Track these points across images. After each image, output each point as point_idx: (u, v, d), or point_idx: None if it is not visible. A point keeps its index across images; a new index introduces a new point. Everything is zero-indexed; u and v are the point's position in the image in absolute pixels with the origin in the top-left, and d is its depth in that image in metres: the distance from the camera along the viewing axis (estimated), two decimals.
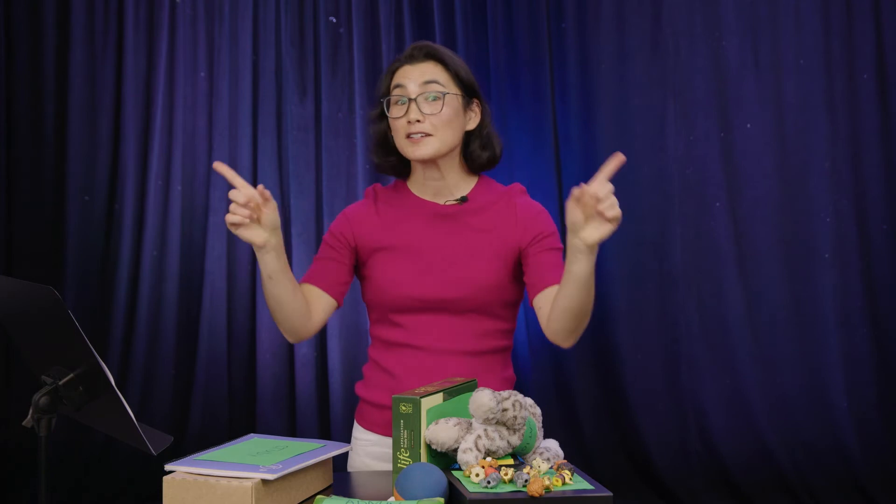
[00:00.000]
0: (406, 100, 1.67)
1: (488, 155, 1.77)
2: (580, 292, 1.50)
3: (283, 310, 1.64)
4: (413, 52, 1.72)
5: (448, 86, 1.69)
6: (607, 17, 3.46)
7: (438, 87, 1.68)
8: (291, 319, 1.66)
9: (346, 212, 1.79)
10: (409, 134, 1.67)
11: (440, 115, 1.67)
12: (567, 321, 1.58)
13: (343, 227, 1.76)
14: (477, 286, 1.68)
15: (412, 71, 1.70)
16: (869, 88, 3.39)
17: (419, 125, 1.66)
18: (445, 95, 1.68)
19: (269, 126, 3.44)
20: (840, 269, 3.38)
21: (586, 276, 1.48)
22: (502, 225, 1.72)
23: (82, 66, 3.38)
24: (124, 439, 1.29)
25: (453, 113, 1.70)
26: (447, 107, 1.68)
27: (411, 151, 1.68)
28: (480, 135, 1.76)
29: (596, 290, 1.57)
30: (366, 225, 1.75)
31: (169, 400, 3.37)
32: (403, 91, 1.68)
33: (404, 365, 1.72)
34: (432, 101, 1.67)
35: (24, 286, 1.26)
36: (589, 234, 1.41)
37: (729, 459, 3.34)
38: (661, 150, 3.44)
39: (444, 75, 1.70)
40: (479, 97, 1.76)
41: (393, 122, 1.69)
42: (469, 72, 1.74)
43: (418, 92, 1.67)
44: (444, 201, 1.74)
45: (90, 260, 3.39)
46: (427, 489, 1.24)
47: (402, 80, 1.69)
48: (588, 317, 1.58)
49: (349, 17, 3.45)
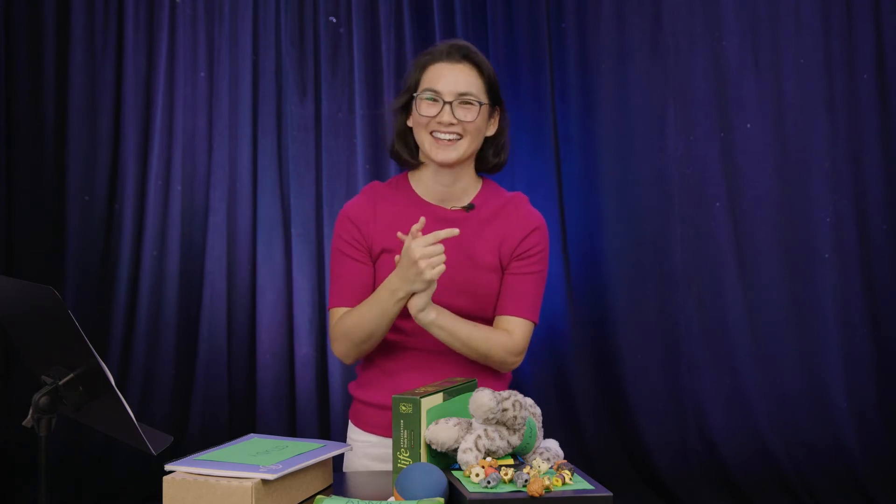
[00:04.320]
0: (440, 101, 1.66)
1: (497, 161, 1.77)
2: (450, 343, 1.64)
3: (385, 332, 1.67)
4: (451, 50, 1.70)
5: (480, 95, 1.69)
6: (607, 17, 3.46)
7: (474, 96, 1.67)
8: (379, 340, 1.69)
9: (348, 215, 1.75)
10: (435, 132, 1.66)
11: (472, 124, 1.67)
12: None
13: (353, 231, 1.72)
14: (479, 295, 1.68)
15: (449, 71, 1.67)
16: (869, 88, 3.38)
17: (451, 128, 1.66)
18: (481, 106, 1.68)
19: (269, 126, 3.44)
20: (840, 269, 3.38)
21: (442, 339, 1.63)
22: (503, 232, 1.72)
23: (82, 66, 3.38)
24: (124, 439, 1.29)
25: (482, 122, 1.70)
26: (479, 116, 1.68)
27: (437, 154, 1.66)
28: (496, 142, 1.76)
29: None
30: (370, 224, 1.73)
31: (169, 400, 3.37)
32: (439, 92, 1.66)
33: (404, 366, 1.71)
34: (467, 108, 1.67)
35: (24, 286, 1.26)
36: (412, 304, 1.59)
37: (729, 459, 3.34)
38: (661, 150, 3.44)
39: (479, 82, 1.69)
40: (503, 106, 1.76)
41: (421, 118, 1.67)
42: (496, 79, 1.74)
43: (455, 96, 1.66)
44: (450, 206, 1.73)
45: (90, 260, 3.39)
46: (427, 489, 1.24)
47: (438, 80, 1.67)
48: (482, 357, 1.69)
49: (349, 17, 3.45)
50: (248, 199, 3.43)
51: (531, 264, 1.72)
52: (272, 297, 3.40)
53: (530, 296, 1.72)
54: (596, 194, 3.45)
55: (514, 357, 1.70)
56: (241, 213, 3.43)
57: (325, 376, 3.37)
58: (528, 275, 1.71)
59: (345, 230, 1.73)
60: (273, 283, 3.40)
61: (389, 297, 1.60)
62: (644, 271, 3.43)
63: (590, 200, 3.46)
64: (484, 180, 1.79)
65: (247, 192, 3.43)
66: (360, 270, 1.71)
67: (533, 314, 1.72)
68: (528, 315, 1.71)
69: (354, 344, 1.68)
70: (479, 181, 1.78)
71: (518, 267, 1.71)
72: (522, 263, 1.71)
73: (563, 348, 3.41)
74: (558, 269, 3.37)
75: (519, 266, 1.71)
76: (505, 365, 1.71)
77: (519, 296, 1.70)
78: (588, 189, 3.46)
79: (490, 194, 1.77)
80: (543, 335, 3.36)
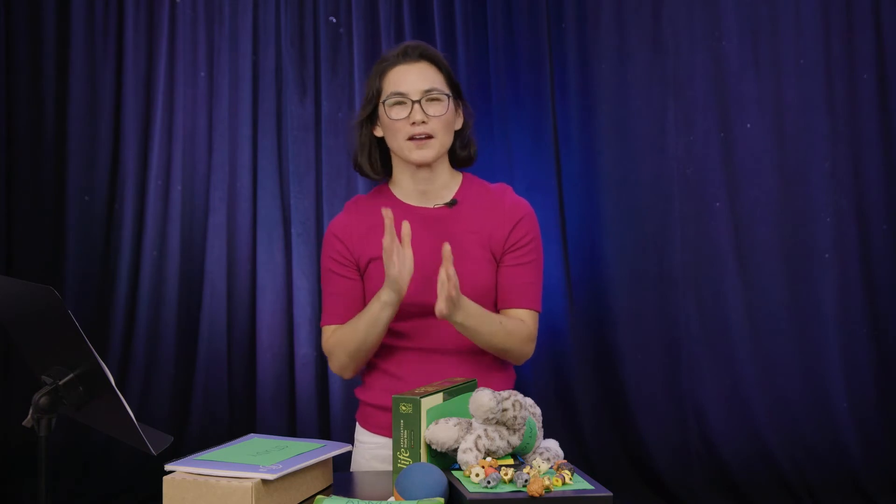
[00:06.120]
0: (408, 101, 1.67)
1: (466, 154, 1.78)
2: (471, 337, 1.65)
3: (378, 339, 1.67)
4: (406, 50, 1.71)
5: (444, 88, 1.70)
6: (607, 17, 3.46)
7: (439, 91, 1.68)
8: (373, 350, 1.70)
9: (333, 232, 1.76)
10: (412, 136, 1.67)
11: (443, 118, 1.67)
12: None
13: (340, 248, 1.74)
14: (472, 287, 1.68)
15: (410, 72, 1.68)
16: (869, 88, 3.38)
17: (423, 126, 1.66)
18: (448, 98, 1.68)
19: (269, 126, 3.44)
20: (840, 269, 3.38)
21: (464, 330, 1.63)
22: (491, 224, 1.72)
23: (82, 66, 3.38)
24: (124, 439, 1.29)
25: (451, 115, 1.71)
26: (448, 109, 1.68)
27: (416, 155, 1.67)
28: (462, 135, 1.77)
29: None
30: (355, 238, 1.73)
31: (169, 400, 3.37)
32: (404, 93, 1.67)
33: (407, 367, 1.72)
34: (435, 104, 1.67)
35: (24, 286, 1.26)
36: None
37: (729, 459, 3.34)
38: (661, 150, 3.44)
39: (439, 77, 1.71)
40: (463, 98, 1.76)
41: (392, 123, 1.68)
42: (453, 72, 1.75)
43: (421, 94, 1.67)
44: (432, 204, 1.74)
45: (90, 260, 3.39)
46: (427, 489, 1.24)
47: (401, 82, 1.68)
48: (501, 352, 1.71)
49: (349, 17, 3.45)
50: (248, 199, 3.43)
51: (525, 254, 1.72)
52: (272, 297, 3.40)
53: (530, 285, 1.73)
54: (596, 194, 3.45)
55: (531, 345, 1.73)
56: (241, 213, 3.43)
57: (325, 376, 3.37)
58: (525, 265, 1.72)
59: (331, 248, 1.75)
60: (273, 283, 3.40)
61: (377, 304, 1.62)
62: (644, 271, 3.43)
63: (590, 200, 3.46)
64: (464, 175, 1.79)
65: (247, 192, 3.43)
66: (349, 286, 1.73)
67: (537, 303, 1.74)
68: (533, 305, 1.73)
69: (348, 355, 1.69)
70: (458, 176, 1.78)
71: (513, 258, 1.71)
72: (516, 254, 1.71)
73: (563, 348, 3.41)
74: (558, 269, 3.37)
75: (513, 257, 1.71)
76: (522, 357, 1.73)
77: (520, 287, 1.71)
78: (588, 189, 3.46)
79: (472, 187, 1.77)
80: (543, 335, 3.34)
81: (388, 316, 1.63)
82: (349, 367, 1.72)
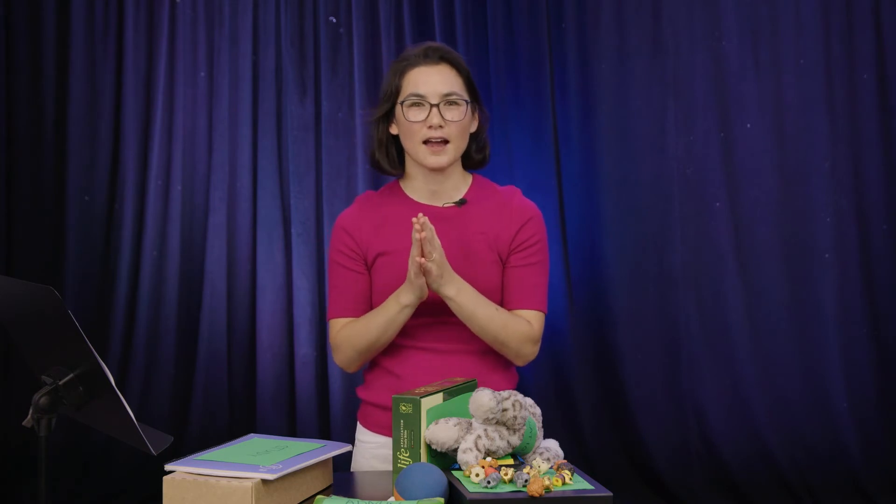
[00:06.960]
0: (426, 104, 1.66)
1: (480, 157, 1.79)
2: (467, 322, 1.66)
3: (390, 340, 1.68)
4: (427, 52, 1.70)
5: (463, 93, 1.70)
6: (607, 17, 3.46)
7: (458, 95, 1.68)
8: (382, 348, 1.70)
9: (342, 225, 1.76)
10: (427, 139, 1.67)
11: (460, 123, 1.68)
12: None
13: (348, 241, 1.74)
14: (479, 288, 1.68)
15: (430, 74, 1.68)
16: (869, 88, 3.38)
17: (440, 131, 1.66)
18: (467, 104, 1.68)
19: (269, 126, 3.44)
20: (840, 269, 3.38)
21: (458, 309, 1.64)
22: (498, 225, 1.73)
23: (82, 66, 3.38)
24: (124, 439, 1.29)
25: (468, 120, 1.71)
26: (465, 114, 1.69)
27: (431, 160, 1.67)
28: (478, 138, 1.78)
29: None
30: (364, 232, 1.74)
31: (169, 400, 3.37)
32: (423, 95, 1.66)
33: (409, 366, 1.72)
34: (453, 108, 1.67)
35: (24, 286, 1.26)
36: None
37: (729, 459, 3.34)
38: (661, 150, 3.44)
39: (459, 81, 1.71)
40: (480, 102, 1.77)
41: (409, 125, 1.68)
42: (471, 75, 1.75)
43: (440, 97, 1.66)
44: (442, 204, 1.74)
45: (90, 260, 3.39)
46: (427, 489, 1.24)
47: (420, 84, 1.67)
48: (499, 344, 1.70)
49: (349, 17, 3.45)
50: (248, 199, 3.43)
51: (531, 255, 1.72)
52: (272, 297, 3.40)
53: (536, 286, 1.73)
54: (596, 194, 3.45)
55: (532, 346, 1.72)
56: (241, 213, 3.43)
57: (325, 376, 3.37)
58: (531, 266, 1.72)
59: (340, 241, 1.75)
60: (273, 283, 3.40)
61: (395, 306, 1.63)
62: (644, 271, 3.43)
63: (590, 200, 3.46)
64: (474, 176, 1.80)
65: (247, 192, 3.43)
66: (357, 280, 1.73)
67: (542, 304, 1.74)
68: (539, 306, 1.73)
69: (357, 351, 1.70)
70: (468, 177, 1.79)
71: (518, 259, 1.72)
72: (522, 255, 1.72)
73: (563, 348, 3.41)
74: (558, 269, 3.37)
75: (519, 258, 1.72)
76: (521, 355, 1.72)
77: (526, 288, 1.71)
78: (588, 189, 3.46)
79: (481, 189, 1.77)
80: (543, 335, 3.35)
81: (405, 318, 1.64)
82: (355, 363, 1.73)
